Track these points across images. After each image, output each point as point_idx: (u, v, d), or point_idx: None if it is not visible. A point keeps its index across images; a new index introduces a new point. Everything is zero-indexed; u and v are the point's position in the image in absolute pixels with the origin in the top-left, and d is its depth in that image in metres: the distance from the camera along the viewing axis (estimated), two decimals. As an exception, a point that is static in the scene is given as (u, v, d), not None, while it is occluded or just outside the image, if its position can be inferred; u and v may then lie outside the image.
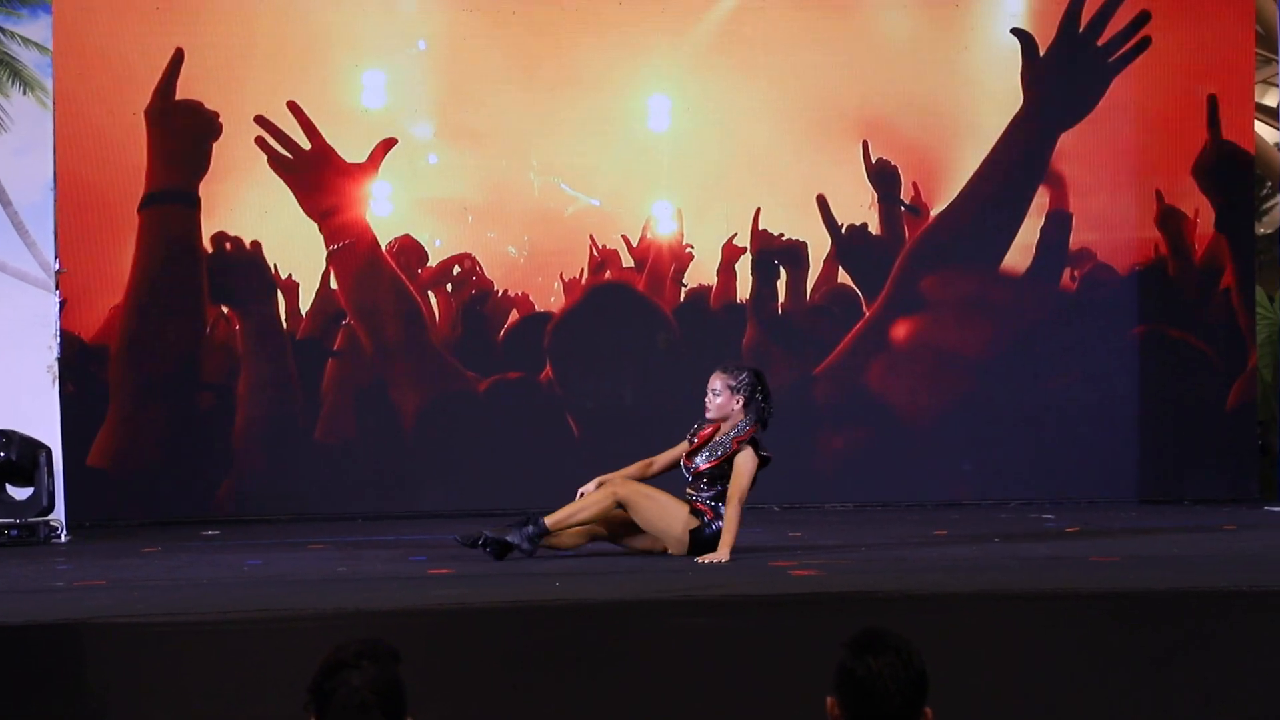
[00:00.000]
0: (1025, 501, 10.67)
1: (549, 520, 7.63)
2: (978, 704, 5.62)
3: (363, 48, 10.75)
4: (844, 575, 6.78)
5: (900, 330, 10.97)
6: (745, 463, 7.57)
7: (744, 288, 10.90)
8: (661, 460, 7.91)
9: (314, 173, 10.63)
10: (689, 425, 10.78)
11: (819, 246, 10.92)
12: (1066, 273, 10.95)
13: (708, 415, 7.79)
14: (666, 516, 7.62)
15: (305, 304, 10.66)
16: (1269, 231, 11.95)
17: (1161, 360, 10.88)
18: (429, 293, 10.79)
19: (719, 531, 7.56)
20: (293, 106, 10.56)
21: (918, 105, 10.93)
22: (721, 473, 7.65)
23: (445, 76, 10.80)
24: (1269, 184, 11.90)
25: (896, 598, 5.98)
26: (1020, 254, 10.92)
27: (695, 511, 7.64)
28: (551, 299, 10.86)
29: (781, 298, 10.93)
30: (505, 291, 10.84)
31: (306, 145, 10.60)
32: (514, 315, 10.84)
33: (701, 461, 7.73)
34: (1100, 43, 10.88)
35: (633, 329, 10.88)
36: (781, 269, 10.91)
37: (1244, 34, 10.93)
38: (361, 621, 5.52)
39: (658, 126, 10.95)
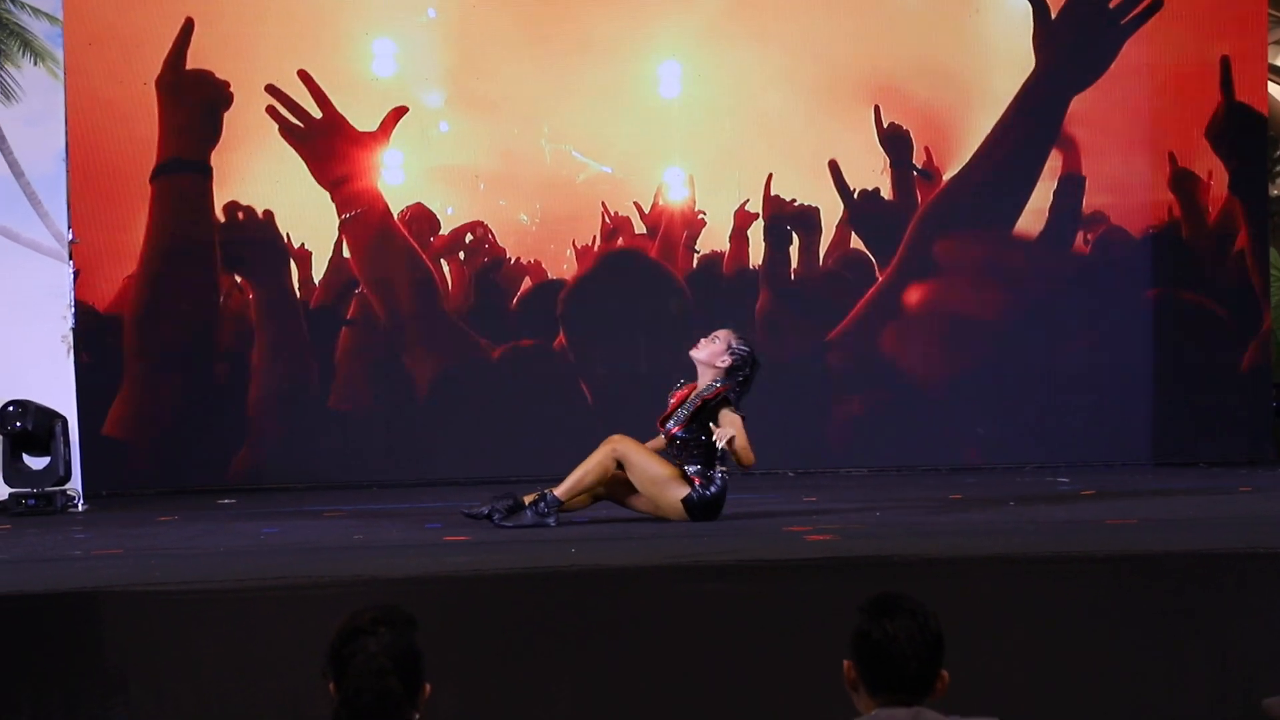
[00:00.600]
0: (1040, 465, 10.67)
1: (559, 492, 7.62)
2: (994, 667, 5.64)
3: (373, 16, 10.73)
4: (859, 540, 6.78)
5: (913, 295, 10.96)
6: (731, 415, 7.44)
7: (756, 254, 10.89)
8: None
9: (325, 141, 10.62)
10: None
11: (831, 212, 10.90)
12: (1079, 236, 10.93)
13: (693, 352, 7.71)
14: (660, 480, 7.57)
15: (318, 273, 10.67)
16: (1282, 193, 11.93)
17: (1175, 323, 10.86)
18: (441, 261, 10.79)
19: (712, 498, 7.52)
20: (303, 75, 10.55)
21: (929, 70, 10.90)
22: (695, 438, 7.57)
23: (456, 44, 10.78)
24: (1283, 145, 11.86)
25: (912, 562, 5.98)
26: (1033, 218, 10.90)
27: (685, 478, 7.60)
28: (564, 266, 10.85)
29: (794, 264, 10.92)
30: (518, 259, 10.84)
31: (318, 114, 10.59)
32: (527, 283, 10.84)
33: (673, 425, 7.65)
34: (1112, 5, 10.84)
35: (645, 296, 10.88)
36: (794, 235, 10.90)
37: (1257, -6, 10.90)
38: (378, 588, 5.53)
39: (669, 93, 10.93)
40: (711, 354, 7.70)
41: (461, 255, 10.82)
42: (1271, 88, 11.43)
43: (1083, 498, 8.69)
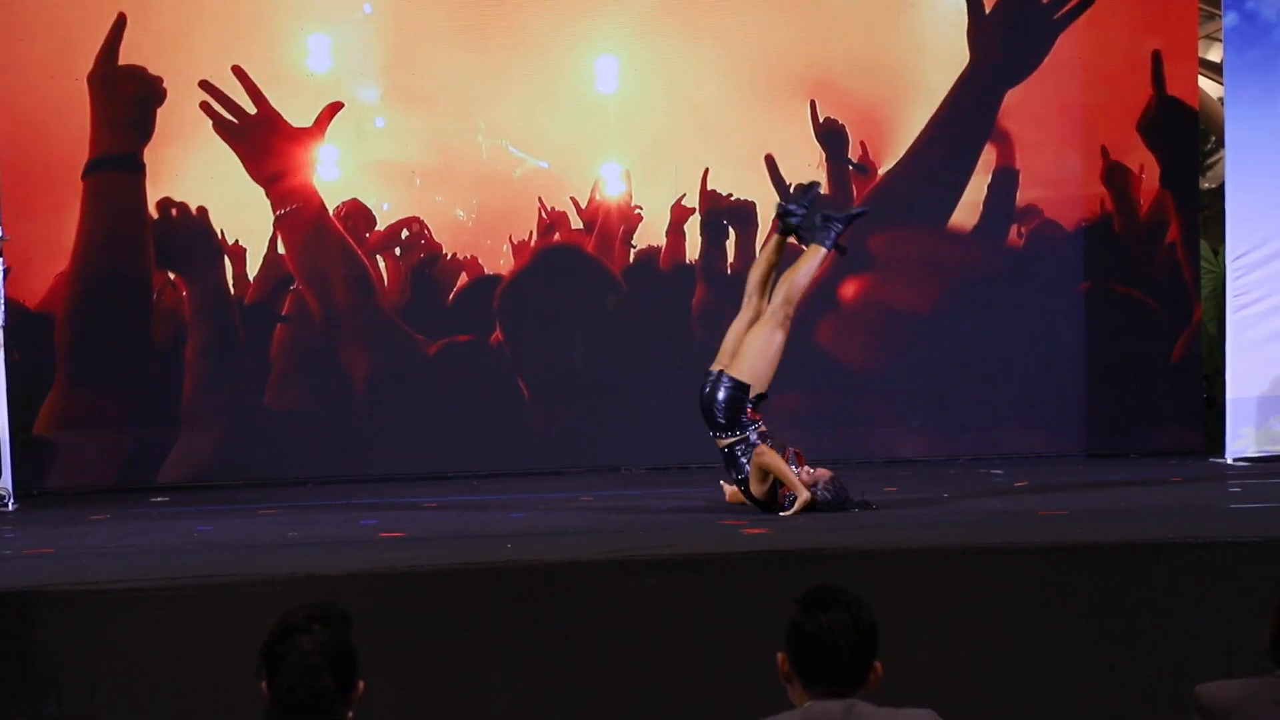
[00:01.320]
0: (974, 457, 10.73)
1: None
2: (928, 658, 5.68)
3: (308, 11, 10.68)
4: (795, 533, 6.81)
5: (850, 289, 11.00)
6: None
7: (693, 248, 10.90)
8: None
9: (260, 137, 10.56)
10: (639, 385, 10.85)
11: (768, 206, 10.91)
12: (1014, 229, 10.99)
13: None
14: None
15: (253, 269, 10.60)
16: (1213, 186, 12.04)
17: (1108, 315, 10.94)
18: (377, 257, 10.76)
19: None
20: (238, 71, 10.49)
21: (865, 64, 10.93)
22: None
23: (391, 40, 10.74)
24: (1213, 139, 11.98)
25: (847, 554, 6.02)
26: (968, 211, 10.96)
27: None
28: (501, 261, 10.83)
29: (731, 258, 10.94)
30: (454, 254, 10.82)
31: (252, 110, 10.53)
32: (463, 278, 10.81)
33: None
34: (1045, 0, 10.90)
35: (582, 290, 10.87)
36: (730, 229, 10.91)
37: (1187, -11, 11.00)
38: (313, 586, 5.51)
39: (605, 88, 10.93)
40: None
41: (397, 251, 10.78)
42: (1202, 82, 11.53)
43: (1016, 489, 8.75)
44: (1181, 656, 5.84)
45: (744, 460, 7.71)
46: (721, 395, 7.75)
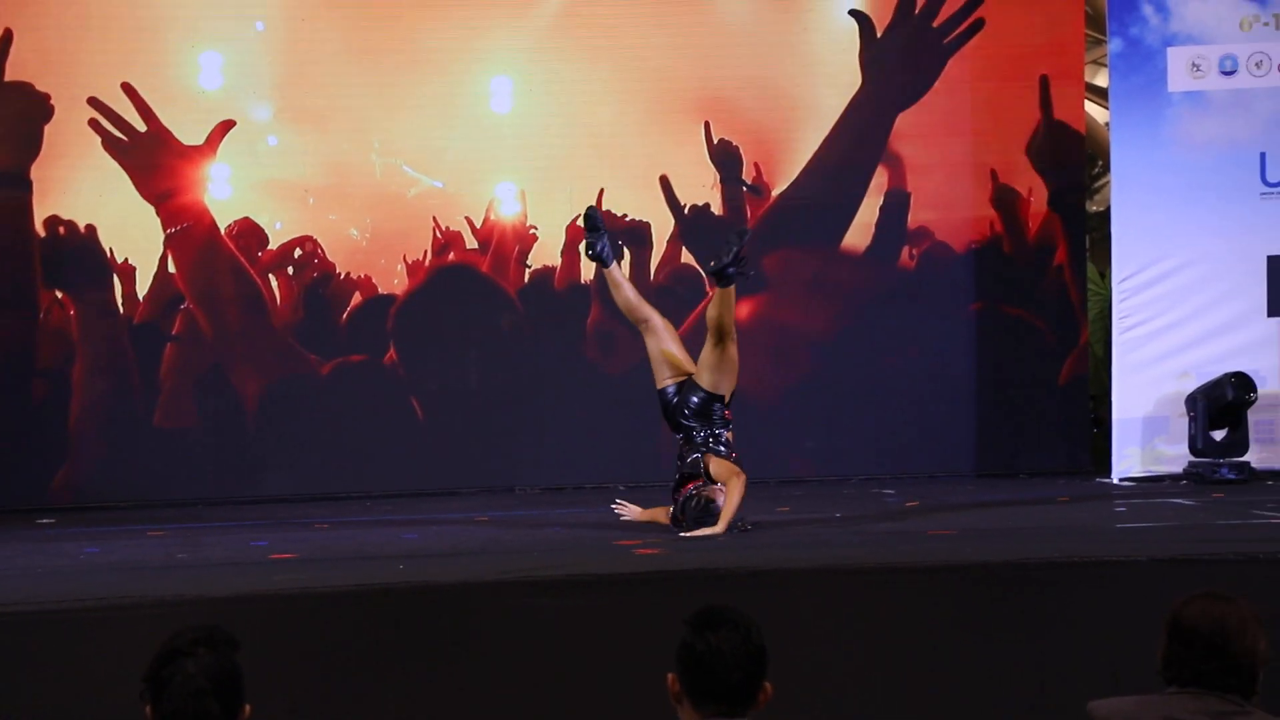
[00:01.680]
0: (866, 477, 10.81)
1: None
2: (819, 678, 5.71)
3: (199, 28, 10.58)
4: (687, 553, 6.83)
5: (743, 309, 11.03)
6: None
7: (588, 268, 10.90)
8: None
9: (150, 155, 10.45)
10: (534, 405, 10.84)
11: (662, 227, 10.96)
12: (905, 251, 11.09)
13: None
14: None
15: (142, 288, 10.49)
16: (1100, 209, 12.22)
17: (997, 336, 11.07)
18: (270, 276, 10.67)
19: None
20: (127, 88, 10.38)
21: (758, 86, 11.00)
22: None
23: (284, 58, 10.67)
24: (1100, 163, 12.16)
25: (739, 574, 6.05)
26: (860, 233, 11.05)
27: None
28: (395, 281, 10.79)
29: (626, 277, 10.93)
30: (348, 274, 10.75)
31: (142, 127, 10.42)
32: (357, 297, 10.75)
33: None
34: (935, 24, 11.03)
35: (477, 310, 10.85)
36: (625, 249, 10.93)
37: (1074, 15, 11.14)
38: (201, 608, 5.46)
39: (500, 108, 10.92)
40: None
41: (290, 270, 10.71)
42: (1089, 106, 11.71)
43: (907, 509, 8.83)
44: (1069, 674, 5.91)
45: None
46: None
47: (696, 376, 7.96)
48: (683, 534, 7.55)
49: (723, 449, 7.78)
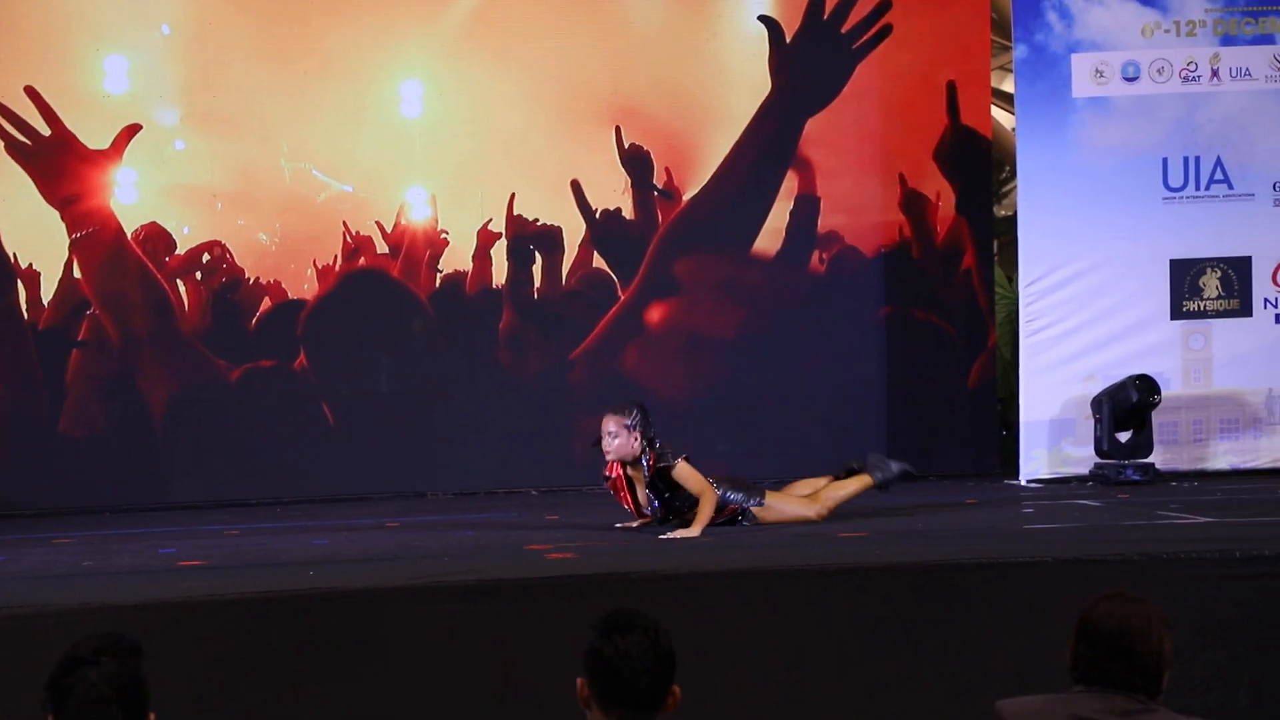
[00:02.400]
0: (779, 480, 10.82)
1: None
2: (728, 681, 5.73)
3: (104, 32, 10.47)
4: (599, 557, 6.83)
5: (655, 314, 11.08)
6: (685, 470, 7.84)
7: (500, 273, 10.90)
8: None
9: (54, 159, 10.33)
10: (446, 410, 10.79)
11: (574, 231, 10.96)
12: (815, 255, 11.15)
13: (609, 456, 7.90)
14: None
15: (47, 294, 10.36)
16: (1007, 214, 12.34)
17: (907, 340, 11.15)
18: (178, 281, 10.58)
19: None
20: (30, 92, 10.26)
21: (669, 91, 11.03)
22: (676, 497, 7.90)
23: (191, 61, 10.58)
24: (1007, 168, 12.28)
25: (649, 578, 6.05)
26: (770, 237, 11.10)
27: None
28: (305, 286, 10.72)
29: (537, 283, 10.95)
30: (257, 279, 10.68)
31: (46, 131, 10.30)
32: (266, 303, 10.68)
33: (654, 508, 7.96)
34: (844, 30, 11.09)
35: (388, 315, 10.81)
36: (537, 254, 10.93)
37: (980, 21, 11.25)
38: (107, 616, 5.40)
39: (410, 112, 10.88)
40: (622, 448, 7.85)
41: (198, 275, 10.62)
42: (995, 112, 11.83)
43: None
44: (977, 674, 5.96)
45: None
46: None
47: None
48: (661, 536, 7.66)
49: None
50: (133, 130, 10.42)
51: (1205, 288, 10.38)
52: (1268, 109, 10.37)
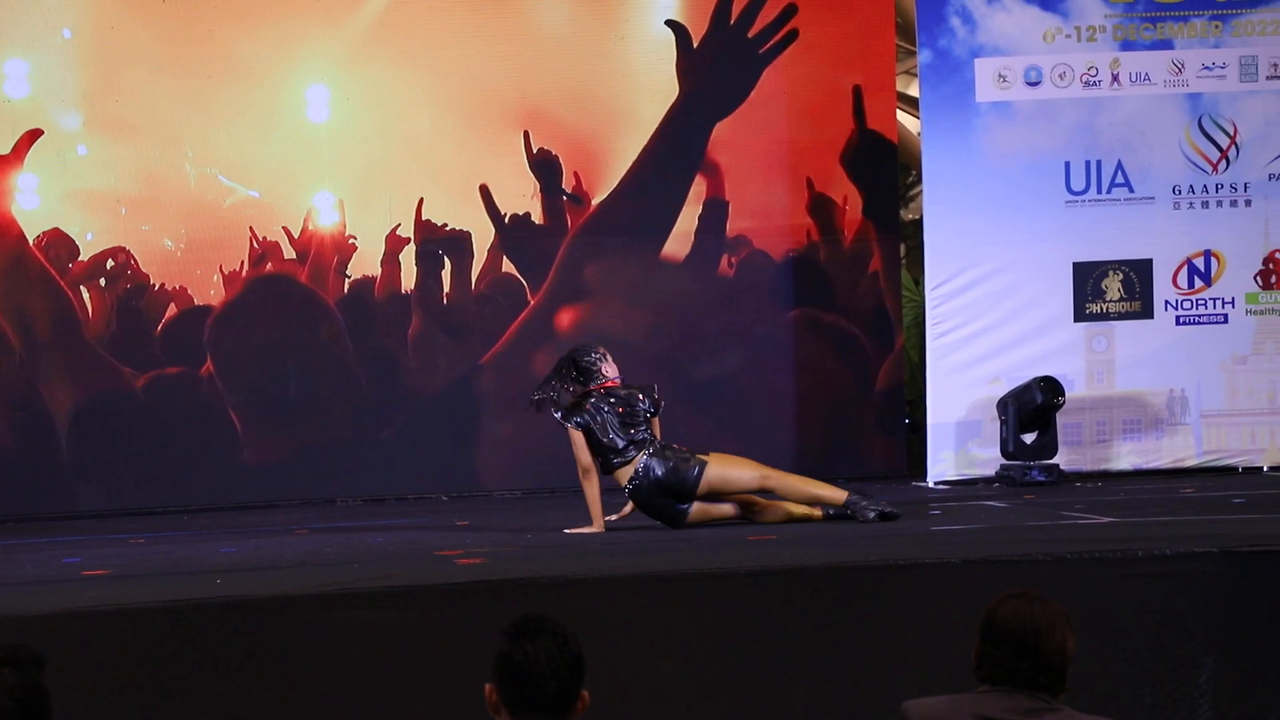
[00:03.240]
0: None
1: None
2: (638, 685, 5.74)
3: (3, 36, 10.33)
4: (509, 562, 6.83)
5: (565, 318, 11.08)
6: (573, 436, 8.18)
7: (408, 278, 10.86)
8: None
9: (-47, 165, 10.20)
10: (355, 416, 10.74)
11: (483, 236, 10.95)
12: (724, 259, 11.19)
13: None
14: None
15: (-53, 302, 10.24)
16: (914, 218, 12.44)
17: (815, 343, 11.21)
18: (81, 288, 10.47)
19: None
20: (-71, 96, 10.13)
21: (577, 95, 11.04)
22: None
23: (93, 65, 10.47)
24: (913, 172, 12.38)
25: (559, 583, 6.06)
26: (679, 241, 11.13)
27: None
28: (211, 292, 10.64)
29: (446, 288, 10.92)
30: (162, 285, 10.59)
31: (-55, 136, 10.17)
32: (172, 309, 10.59)
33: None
34: (751, 34, 11.14)
35: (296, 321, 10.74)
36: (446, 259, 10.91)
37: (885, 27, 11.34)
38: (8, 627, 5.34)
39: (317, 117, 10.82)
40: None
41: (102, 282, 10.51)
42: (901, 116, 11.92)
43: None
44: (884, 675, 6.01)
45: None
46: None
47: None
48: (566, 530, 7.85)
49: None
50: (34, 135, 10.30)
51: (1108, 290, 10.52)
52: (1167, 113, 10.52)
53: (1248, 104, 10.52)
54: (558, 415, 8.12)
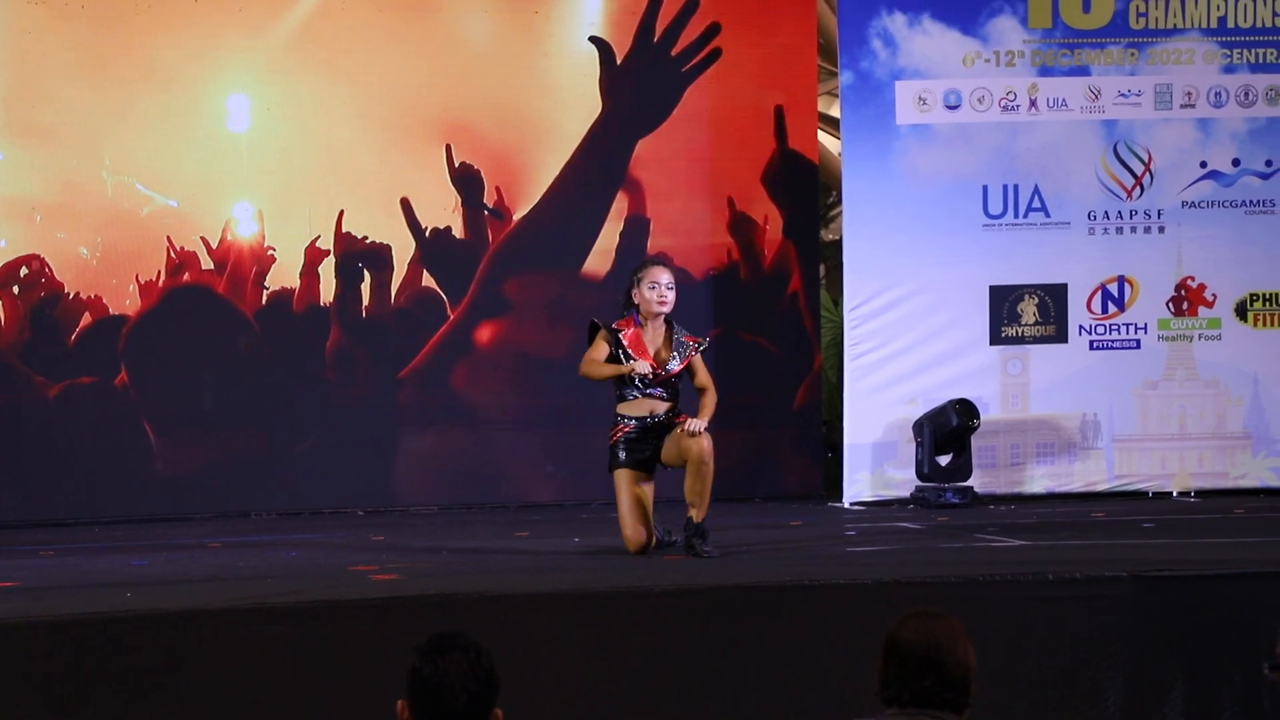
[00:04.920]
0: (606, 502, 10.84)
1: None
2: (553, 703, 5.74)
3: (-81, 38, 10.23)
4: (424, 579, 6.81)
5: (484, 333, 11.06)
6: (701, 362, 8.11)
7: (328, 291, 10.80)
8: None
9: None
10: (271, 428, 10.67)
11: (403, 249, 10.91)
12: (645, 277, 11.18)
13: (664, 309, 8.11)
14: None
15: None
16: (834, 238, 12.51)
17: (734, 362, 11.22)
18: (-6, 295, 10.35)
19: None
20: None
21: (500, 110, 11.03)
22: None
23: (9, 70, 10.36)
24: (834, 192, 12.46)
25: (475, 599, 6.05)
26: (600, 258, 11.13)
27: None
28: (127, 302, 10.54)
29: (365, 301, 10.87)
30: (77, 294, 10.48)
31: None
32: (87, 318, 10.48)
33: (675, 365, 8.08)
34: (674, 53, 11.17)
35: (212, 332, 10.66)
36: (365, 272, 10.86)
37: (807, 47, 11.40)
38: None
39: (237, 127, 10.75)
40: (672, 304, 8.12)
41: (16, 289, 10.39)
42: (822, 137, 12.00)
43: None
44: (799, 696, 6.04)
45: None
46: None
47: None
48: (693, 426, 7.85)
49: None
50: (-52, 140, 10.19)
51: (1023, 314, 10.62)
52: (1083, 139, 10.64)
53: (1162, 131, 10.67)
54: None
